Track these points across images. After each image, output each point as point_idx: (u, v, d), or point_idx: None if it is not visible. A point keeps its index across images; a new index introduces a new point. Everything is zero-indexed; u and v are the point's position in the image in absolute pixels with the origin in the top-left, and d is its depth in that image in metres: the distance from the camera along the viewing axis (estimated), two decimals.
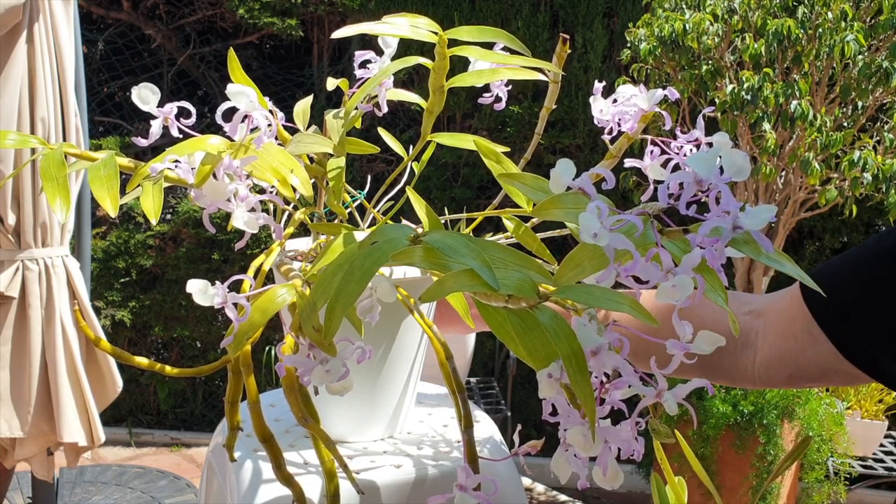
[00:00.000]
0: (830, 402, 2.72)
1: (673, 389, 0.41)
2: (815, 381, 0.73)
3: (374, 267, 0.38)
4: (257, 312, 0.47)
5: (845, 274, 0.69)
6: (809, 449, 2.64)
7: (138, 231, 3.72)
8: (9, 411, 1.90)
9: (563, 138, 3.50)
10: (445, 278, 0.36)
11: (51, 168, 0.51)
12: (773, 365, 0.73)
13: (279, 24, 3.73)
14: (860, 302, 0.67)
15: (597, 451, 0.39)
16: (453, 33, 0.56)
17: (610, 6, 3.51)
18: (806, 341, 0.70)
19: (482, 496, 0.49)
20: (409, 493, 0.66)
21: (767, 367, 0.73)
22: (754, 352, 0.74)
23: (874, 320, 0.67)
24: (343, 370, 0.47)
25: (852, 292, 0.68)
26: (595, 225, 0.35)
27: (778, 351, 0.72)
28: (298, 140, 0.61)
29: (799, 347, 0.71)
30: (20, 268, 1.91)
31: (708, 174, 0.36)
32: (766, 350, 0.73)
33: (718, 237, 0.36)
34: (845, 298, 0.68)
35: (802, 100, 2.22)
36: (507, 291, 0.37)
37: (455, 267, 0.37)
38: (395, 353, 0.71)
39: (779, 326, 0.73)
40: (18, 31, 1.86)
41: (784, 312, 0.73)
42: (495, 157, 0.59)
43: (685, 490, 0.83)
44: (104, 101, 3.97)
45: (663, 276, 0.36)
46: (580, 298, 0.36)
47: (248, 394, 0.58)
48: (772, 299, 0.76)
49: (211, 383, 3.87)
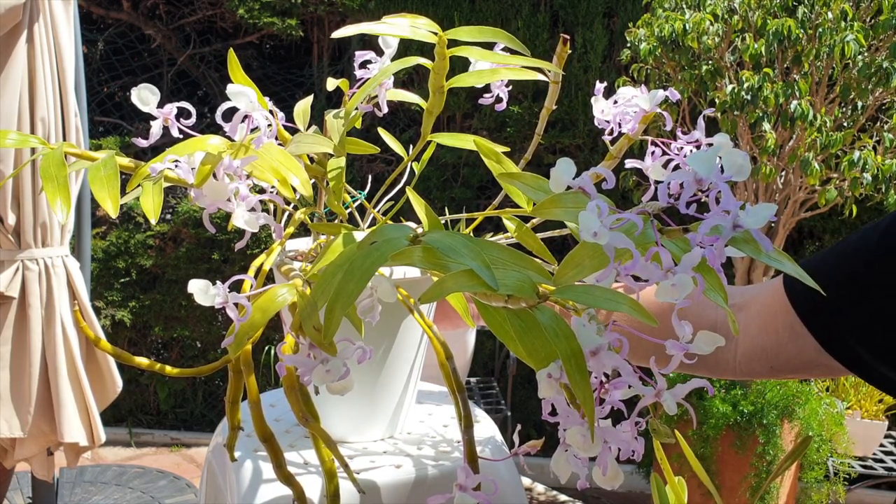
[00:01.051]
0: (830, 402, 2.72)
1: (672, 389, 0.41)
2: (795, 372, 0.74)
3: (373, 267, 0.38)
4: (258, 312, 0.47)
5: (829, 269, 0.70)
6: (809, 449, 2.64)
7: (138, 231, 3.72)
8: (9, 411, 1.90)
9: (563, 138, 3.50)
10: (445, 279, 0.36)
11: (51, 168, 0.51)
12: (755, 358, 0.74)
13: (279, 24, 3.73)
14: (843, 298, 0.68)
15: (596, 452, 0.39)
16: (453, 33, 0.56)
17: (610, 6, 3.51)
18: (788, 335, 0.71)
19: (482, 496, 0.49)
20: (410, 493, 0.66)
21: (749, 360, 0.74)
22: (735, 344, 0.75)
23: (856, 317, 0.67)
24: (343, 370, 0.47)
25: (835, 288, 0.68)
26: (595, 224, 0.35)
27: (760, 344, 0.73)
28: (299, 140, 0.61)
29: (781, 341, 0.72)
30: (20, 268, 1.91)
31: (708, 173, 0.36)
32: (747, 343, 0.74)
33: (718, 236, 0.36)
34: (828, 294, 0.68)
35: (802, 100, 2.22)
36: (507, 292, 0.37)
37: (454, 267, 0.37)
38: (395, 353, 0.71)
39: (761, 321, 0.74)
40: (18, 31, 1.86)
41: (767, 307, 0.73)
42: (495, 156, 0.59)
43: (685, 490, 0.83)
44: (104, 101, 3.97)
45: (663, 275, 0.36)
46: (580, 298, 0.36)
47: (248, 393, 0.58)
48: (754, 292, 0.76)
49: (211, 383, 3.87)
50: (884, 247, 0.66)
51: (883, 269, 0.65)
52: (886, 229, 0.67)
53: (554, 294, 0.38)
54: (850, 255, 0.69)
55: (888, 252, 0.65)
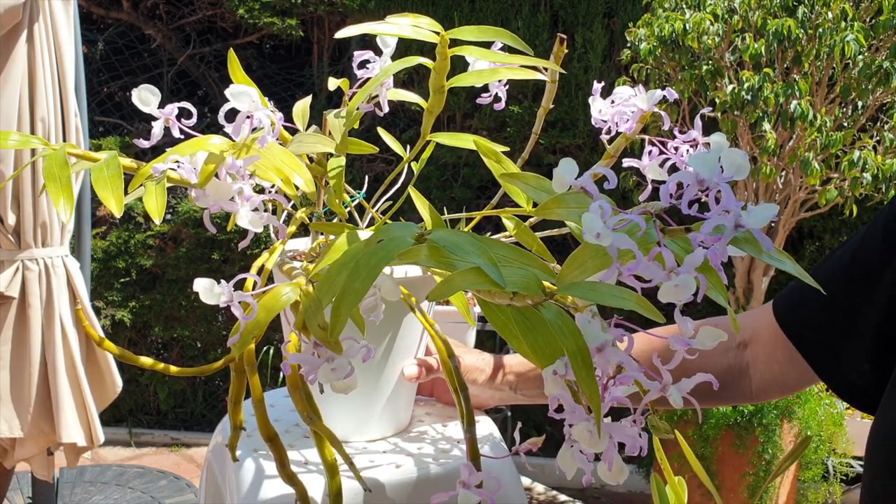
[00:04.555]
0: (830, 402, 2.72)
1: (678, 384, 0.42)
2: (801, 388, 0.83)
3: (379, 265, 0.38)
4: (263, 311, 0.48)
5: (814, 295, 0.75)
6: (808, 448, 2.65)
7: (138, 231, 3.72)
8: (9, 411, 1.90)
9: (563, 138, 3.50)
10: (452, 277, 0.36)
11: (54, 168, 0.51)
12: (767, 387, 0.81)
13: (279, 24, 3.73)
14: (827, 325, 0.75)
15: (602, 447, 0.39)
16: (455, 33, 0.56)
17: (610, 6, 3.51)
18: (790, 365, 0.78)
19: (485, 493, 0.49)
20: (412, 491, 0.66)
21: (763, 390, 0.81)
22: (749, 379, 0.82)
23: (847, 344, 0.73)
24: (349, 368, 0.47)
25: (821, 315, 0.75)
26: (598, 225, 0.36)
27: (770, 376, 0.80)
28: (300, 140, 0.61)
29: (784, 371, 0.79)
30: (20, 268, 1.91)
31: (710, 174, 0.37)
32: (758, 377, 0.81)
33: (720, 236, 0.36)
34: (817, 321, 0.75)
35: (802, 100, 2.22)
36: (514, 289, 0.37)
37: (461, 265, 0.37)
38: (395, 352, 0.71)
39: (765, 355, 0.80)
40: (18, 31, 1.86)
41: (768, 342, 0.80)
42: (495, 156, 0.59)
43: (685, 490, 0.83)
44: (104, 101, 3.97)
45: (666, 276, 0.36)
46: (585, 295, 0.36)
47: (252, 393, 0.58)
48: (756, 326, 0.82)
49: (211, 383, 3.87)
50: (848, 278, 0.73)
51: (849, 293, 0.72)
52: (855, 253, 0.73)
53: (560, 291, 0.38)
54: (826, 278, 0.75)
55: (854, 283, 0.72)
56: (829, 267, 0.75)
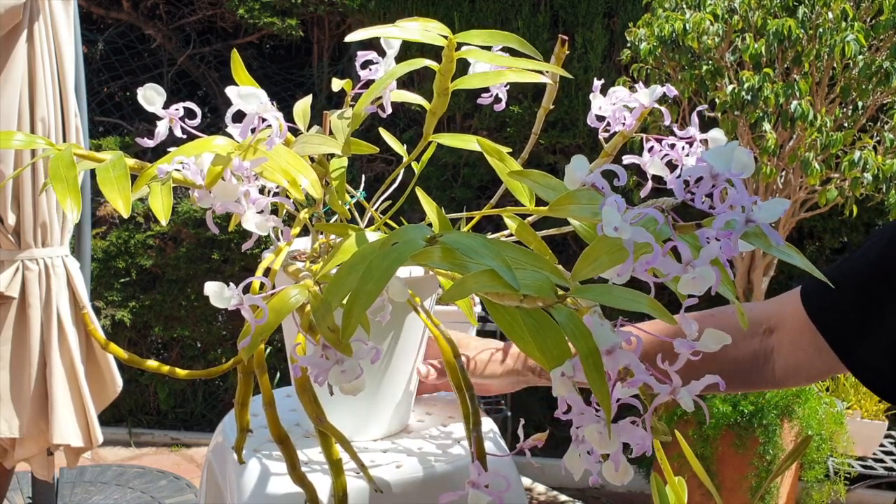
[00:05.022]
0: (830, 402, 2.72)
1: (687, 386, 0.42)
2: (825, 377, 0.85)
3: (392, 267, 0.38)
4: (272, 313, 0.48)
5: (843, 285, 0.75)
6: (809, 448, 2.65)
7: (138, 231, 3.71)
8: (9, 411, 1.90)
9: (563, 138, 3.50)
10: (466, 279, 0.36)
11: (60, 169, 0.51)
12: (791, 373, 0.81)
13: (279, 24, 3.73)
14: (857, 314, 0.75)
15: (613, 448, 0.40)
16: (464, 37, 0.57)
17: (610, 6, 3.51)
18: (813, 353, 0.78)
19: (494, 493, 0.49)
20: (418, 490, 0.66)
21: (786, 376, 0.82)
22: (773, 364, 0.82)
23: (873, 336, 0.73)
24: (359, 370, 0.47)
25: (848, 303, 0.75)
26: (616, 219, 0.36)
27: (794, 362, 0.80)
28: (304, 141, 0.61)
29: (808, 358, 0.79)
30: (20, 268, 1.91)
31: (724, 168, 0.37)
32: (782, 362, 0.81)
33: (731, 230, 0.36)
34: (844, 310, 0.74)
35: (802, 100, 2.22)
36: (527, 292, 0.37)
37: (474, 267, 0.37)
38: (398, 352, 0.71)
39: (790, 341, 0.81)
40: (18, 31, 1.86)
41: (794, 328, 0.80)
42: (499, 155, 0.59)
43: (685, 490, 0.83)
44: (104, 101, 3.96)
45: (682, 269, 0.36)
46: (601, 298, 0.37)
47: (263, 395, 0.58)
48: (782, 313, 0.82)
49: (211, 383, 3.87)
50: (882, 267, 0.73)
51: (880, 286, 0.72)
52: (886, 245, 0.73)
53: (573, 293, 0.38)
54: (853, 272, 0.76)
55: (886, 272, 0.72)
56: (864, 254, 0.76)
